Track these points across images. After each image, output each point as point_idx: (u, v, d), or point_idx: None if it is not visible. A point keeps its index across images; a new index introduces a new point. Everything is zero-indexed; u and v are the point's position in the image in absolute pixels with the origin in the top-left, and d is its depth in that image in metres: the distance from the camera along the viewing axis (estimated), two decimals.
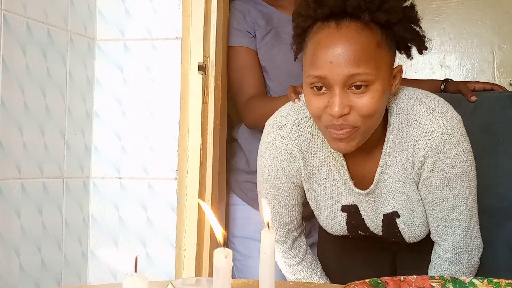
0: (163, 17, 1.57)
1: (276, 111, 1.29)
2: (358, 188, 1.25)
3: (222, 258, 0.68)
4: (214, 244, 1.58)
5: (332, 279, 1.45)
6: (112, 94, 1.60)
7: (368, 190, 1.24)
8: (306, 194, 1.32)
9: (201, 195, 1.58)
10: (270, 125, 1.27)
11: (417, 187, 1.23)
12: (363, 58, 1.06)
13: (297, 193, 1.32)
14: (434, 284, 0.95)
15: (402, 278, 0.95)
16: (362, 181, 1.26)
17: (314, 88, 1.10)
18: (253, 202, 1.77)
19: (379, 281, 0.93)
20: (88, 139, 1.59)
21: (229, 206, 1.85)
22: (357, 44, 1.06)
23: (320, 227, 1.45)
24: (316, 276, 1.43)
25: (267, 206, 0.86)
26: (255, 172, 1.33)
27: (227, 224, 1.82)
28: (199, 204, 1.54)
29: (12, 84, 1.31)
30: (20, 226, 1.33)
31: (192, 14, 1.57)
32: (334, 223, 1.32)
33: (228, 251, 0.68)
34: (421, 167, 1.20)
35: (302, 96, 1.26)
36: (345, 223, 1.31)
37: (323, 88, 1.08)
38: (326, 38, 1.08)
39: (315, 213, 1.35)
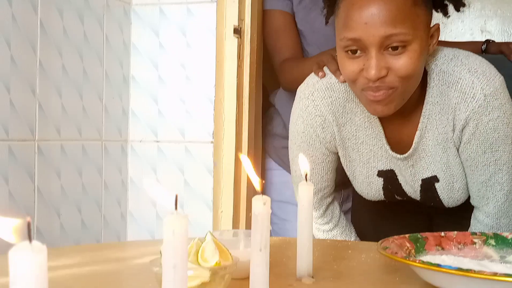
0: None
1: (308, 76, 1.27)
2: (395, 152, 1.23)
3: (261, 204, 0.67)
4: (250, 206, 1.58)
5: None
6: (148, 58, 1.60)
7: (406, 154, 1.22)
8: (341, 160, 1.30)
9: (237, 158, 1.58)
10: (302, 91, 1.25)
11: (458, 151, 1.21)
12: (399, 17, 1.03)
13: (330, 159, 1.30)
14: (475, 240, 0.94)
15: (442, 234, 0.93)
16: (399, 145, 1.24)
17: (349, 52, 1.07)
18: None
19: (419, 236, 0.92)
20: (125, 103, 1.60)
21: (266, 171, 1.85)
22: (393, 3, 1.03)
23: (354, 192, 1.44)
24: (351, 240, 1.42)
25: (305, 159, 0.85)
26: None
27: (264, 188, 1.82)
28: (235, 165, 1.54)
29: (51, 47, 1.33)
30: (60, 186, 1.36)
31: None
32: (370, 188, 1.31)
33: (267, 198, 0.68)
34: (462, 130, 1.17)
35: (326, 69, 1.24)
36: (381, 188, 1.30)
37: (358, 51, 1.06)
38: None
39: (350, 178, 1.34)
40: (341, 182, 1.46)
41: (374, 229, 1.46)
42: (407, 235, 0.91)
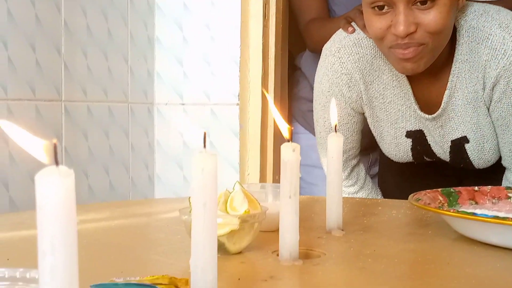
0: None
1: (335, 33, 1.24)
2: (424, 112, 1.20)
3: (290, 151, 0.66)
4: (277, 168, 1.57)
5: None
6: (172, 19, 1.59)
7: (435, 114, 1.19)
8: (368, 120, 1.27)
9: (263, 120, 1.56)
10: (328, 48, 1.22)
11: (488, 110, 1.17)
12: None
13: (356, 120, 1.27)
14: (510, 195, 0.91)
15: (476, 188, 0.91)
16: (428, 105, 1.20)
17: (375, 8, 1.04)
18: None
19: (452, 190, 0.89)
20: (150, 65, 1.59)
21: (292, 135, 1.83)
22: None
23: (381, 154, 1.41)
24: None
25: (335, 108, 0.83)
26: None
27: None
28: (262, 128, 1.53)
29: (75, 7, 1.32)
30: (88, 148, 1.37)
31: None
32: (398, 149, 1.28)
33: (296, 145, 0.66)
34: (492, 89, 1.13)
35: (354, 24, 1.20)
36: (410, 149, 1.27)
37: (385, 6, 1.02)
38: None
39: (377, 140, 1.31)
40: (369, 146, 1.43)
41: (402, 193, 1.44)
42: (439, 189, 0.89)
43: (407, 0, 1.00)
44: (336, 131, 0.82)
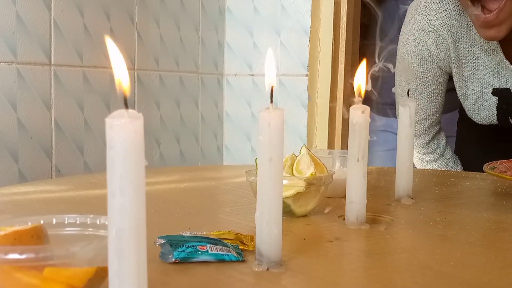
0: None
1: None
2: None
3: (359, 113, 0.64)
4: (345, 141, 1.55)
5: None
6: None
7: None
8: (454, 79, 1.23)
9: (332, 93, 1.54)
10: (414, 7, 1.18)
11: None
12: None
13: (442, 80, 1.23)
14: None
15: None
16: None
17: None
18: (380, 110, 1.72)
19: None
20: (221, 36, 1.60)
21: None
22: None
23: (459, 121, 1.36)
24: None
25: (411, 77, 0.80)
26: None
27: None
28: (330, 100, 1.51)
29: None
30: (160, 116, 1.39)
31: None
32: (483, 108, 1.22)
33: (365, 107, 0.65)
34: None
35: None
36: (495, 108, 1.21)
37: None
38: None
39: (461, 100, 1.25)
40: None
41: (481, 162, 1.39)
42: None
43: None
44: (409, 96, 0.79)
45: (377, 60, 1.62)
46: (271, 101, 0.50)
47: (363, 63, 0.66)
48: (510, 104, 1.19)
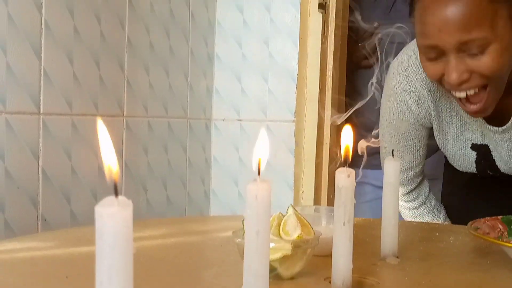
0: None
1: (401, 51, 1.23)
2: (492, 125, 1.17)
3: (345, 177, 0.65)
4: (332, 187, 1.56)
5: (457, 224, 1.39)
6: (232, 36, 1.61)
7: (505, 127, 1.15)
8: (434, 133, 1.26)
9: (319, 138, 1.56)
10: (395, 66, 1.22)
11: None
12: (475, 21, 0.96)
13: (423, 134, 1.26)
14: None
15: None
16: (497, 117, 1.17)
17: (428, 56, 1.02)
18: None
19: None
20: (209, 82, 1.62)
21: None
22: (467, 6, 0.96)
23: (445, 165, 1.39)
24: (439, 221, 1.37)
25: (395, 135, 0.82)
26: None
27: None
28: (317, 145, 1.53)
29: (139, 24, 1.36)
30: (147, 162, 1.40)
31: None
32: (463, 160, 1.26)
33: (351, 170, 0.66)
34: None
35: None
36: (474, 161, 1.24)
37: (437, 56, 1.01)
38: (432, 3, 0.99)
39: (442, 150, 1.29)
40: None
41: (465, 208, 1.41)
42: (499, 217, 0.86)
43: (456, 50, 0.98)
44: (393, 155, 0.81)
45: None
46: (259, 173, 0.51)
47: (348, 129, 0.68)
48: (488, 160, 1.22)
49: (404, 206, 1.37)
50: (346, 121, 1.60)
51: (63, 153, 1.17)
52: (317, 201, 1.56)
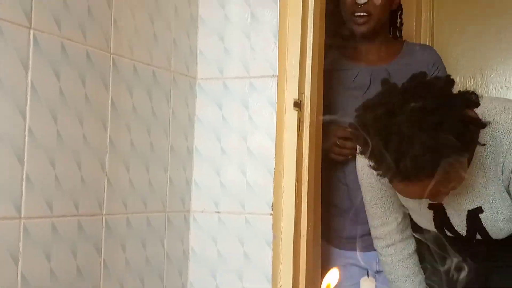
0: (260, 56, 1.62)
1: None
2: None
3: None
4: (310, 280, 1.57)
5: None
6: (211, 131, 1.65)
7: None
8: (397, 194, 1.44)
9: (296, 231, 1.58)
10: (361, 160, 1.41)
11: (507, 187, 1.33)
12: None
13: (389, 194, 1.49)
14: None
15: None
16: None
17: None
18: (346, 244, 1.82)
19: None
20: (189, 175, 1.65)
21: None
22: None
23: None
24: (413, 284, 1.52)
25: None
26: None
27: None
28: (294, 238, 1.55)
29: (120, 124, 1.39)
30: (125, 259, 1.40)
31: (288, 52, 1.60)
32: (422, 219, 1.46)
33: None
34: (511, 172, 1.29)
35: None
36: (432, 219, 1.43)
37: None
38: None
39: (405, 206, 1.51)
40: None
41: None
42: None
43: None
44: (368, 276, 0.83)
45: None
46: None
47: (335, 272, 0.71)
48: (444, 217, 1.39)
49: (382, 260, 1.58)
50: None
51: (42, 256, 1.17)
52: None
